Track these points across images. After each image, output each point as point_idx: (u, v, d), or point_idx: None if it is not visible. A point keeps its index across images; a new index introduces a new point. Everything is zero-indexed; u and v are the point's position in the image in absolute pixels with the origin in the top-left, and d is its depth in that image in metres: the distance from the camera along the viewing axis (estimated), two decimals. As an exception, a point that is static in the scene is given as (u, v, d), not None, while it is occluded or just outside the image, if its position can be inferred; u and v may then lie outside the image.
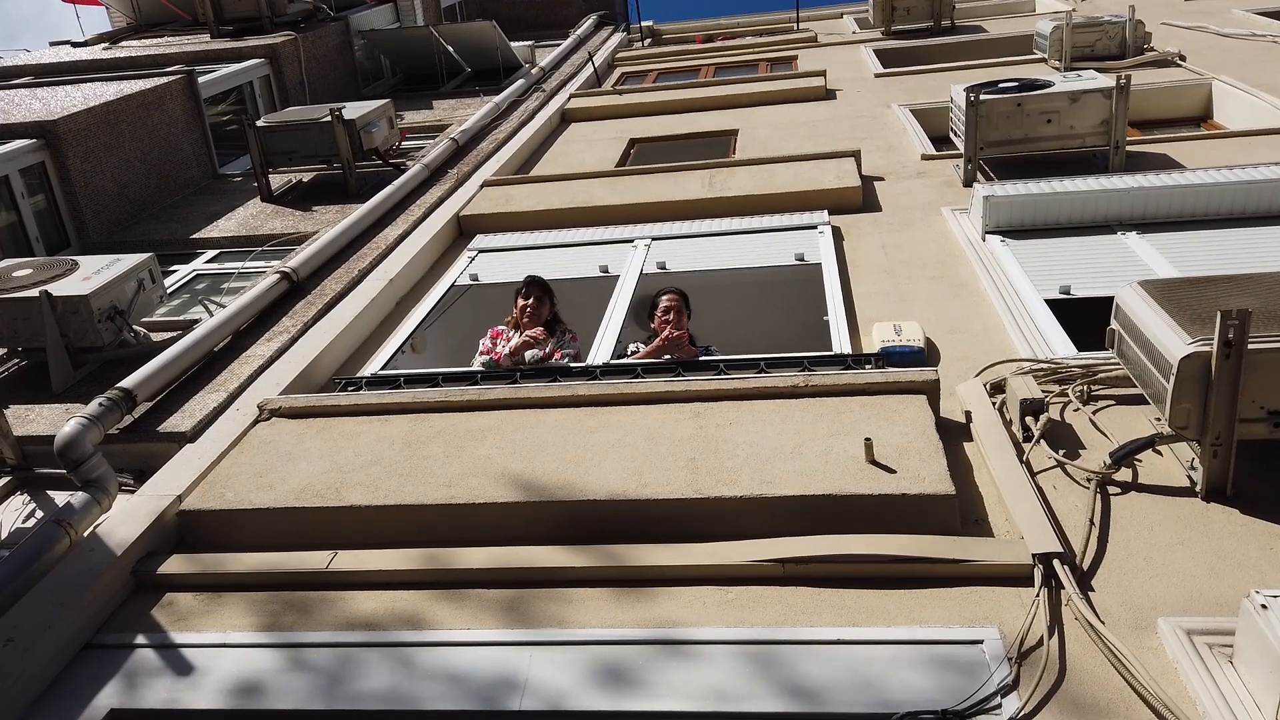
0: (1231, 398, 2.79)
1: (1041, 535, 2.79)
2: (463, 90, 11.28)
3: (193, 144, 8.32)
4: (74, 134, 6.95)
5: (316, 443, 3.67)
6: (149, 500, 3.43)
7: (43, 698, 2.74)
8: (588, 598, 2.86)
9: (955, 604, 2.66)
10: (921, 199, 5.96)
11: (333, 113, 7.39)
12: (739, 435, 3.35)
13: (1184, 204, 4.95)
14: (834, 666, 2.48)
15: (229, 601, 3.05)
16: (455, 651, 2.70)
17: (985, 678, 2.38)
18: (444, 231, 6.25)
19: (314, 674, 2.69)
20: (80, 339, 4.59)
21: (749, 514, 3.02)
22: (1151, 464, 3.16)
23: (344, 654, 2.74)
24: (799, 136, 7.77)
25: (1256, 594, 2.23)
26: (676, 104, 9.28)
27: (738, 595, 2.79)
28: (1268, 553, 2.71)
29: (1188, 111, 7.67)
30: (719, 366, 3.99)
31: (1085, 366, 3.67)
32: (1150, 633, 2.48)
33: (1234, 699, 2.22)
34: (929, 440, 3.18)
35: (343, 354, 4.79)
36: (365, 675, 2.66)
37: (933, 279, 4.80)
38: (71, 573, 3.08)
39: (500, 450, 3.45)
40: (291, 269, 5.43)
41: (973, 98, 5.96)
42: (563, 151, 8.34)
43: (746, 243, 5.59)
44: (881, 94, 8.83)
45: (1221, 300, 3.01)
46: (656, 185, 6.47)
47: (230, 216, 7.26)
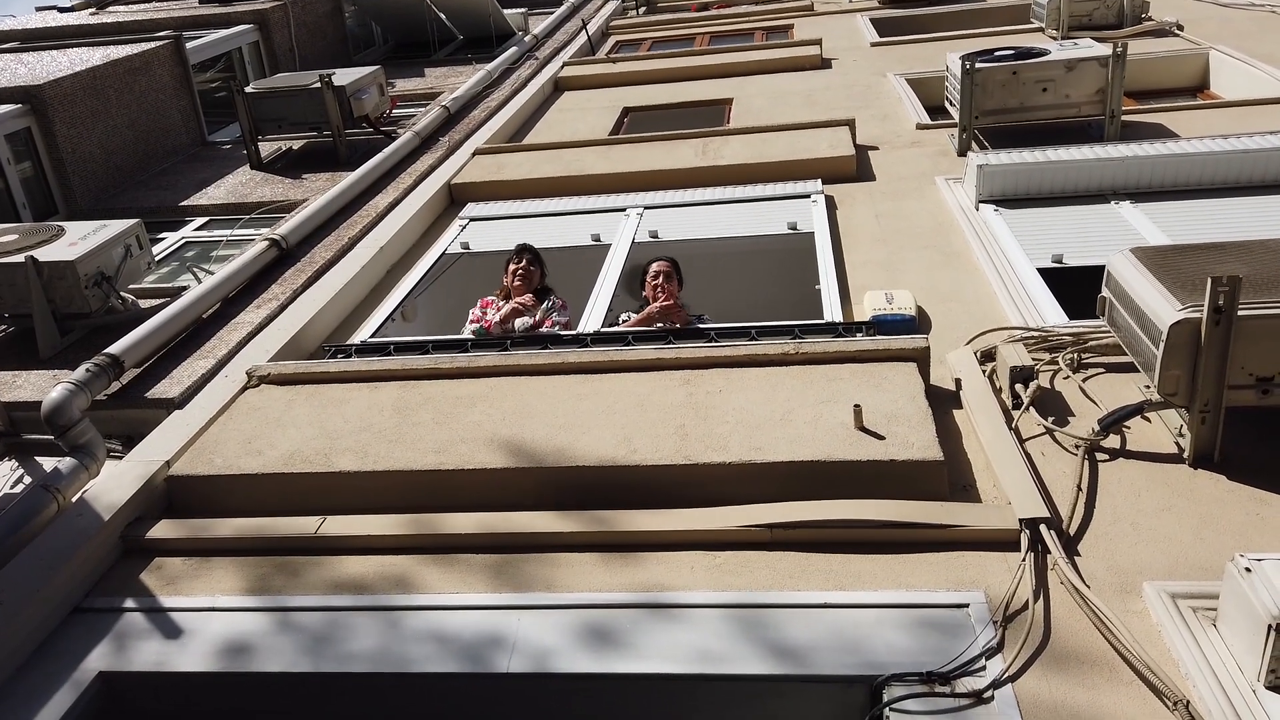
0: (1220, 364, 2.79)
1: (1029, 501, 2.80)
2: (455, 58, 11.16)
3: (181, 110, 8.24)
4: (60, 99, 6.87)
5: (305, 409, 3.66)
6: (137, 465, 3.42)
7: (32, 660, 2.74)
8: (576, 562, 2.87)
9: (942, 569, 2.67)
10: (916, 168, 5.93)
11: (322, 79, 7.31)
12: (729, 402, 3.35)
13: (1178, 173, 4.93)
14: (820, 630, 2.49)
15: (218, 566, 3.05)
16: (444, 615, 2.71)
17: (970, 640, 2.39)
18: (435, 200, 6.20)
19: (303, 636, 2.69)
20: (67, 305, 4.56)
21: (738, 480, 3.02)
22: (1140, 431, 3.16)
23: (333, 617, 2.75)
24: (794, 105, 7.71)
25: (1241, 557, 2.24)
26: (671, 73, 9.19)
27: (726, 560, 2.80)
28: (1253, 518, 2.72)
29: (1184, 81, 7.62)
30: (710, 334, 3.98)
31: (1076, 334, 3.67)
32: (1135, 596, 2.49)
33: (1216, 661, 2.23)
34: (918, 407, 3.18)
35: (332, 322, 4.76)
36: (354, 637, 2.67)
37: (926, 248, 4.78)
38: (60, 537, 3.08)
39: (490, 417, 3.45)
40: (281, 236, 5.39)
41: (968, 66, 5.91)
42: (555, 120, 8.26)
43: (739, 212, 5.56)
44: (877, 63, 8.76)
45: (1213, 267, 3.00)
46: (650, 154, 6.42)
47: (219, 184, 7.19)
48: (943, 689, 2.27)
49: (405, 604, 2.77)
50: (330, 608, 2.79)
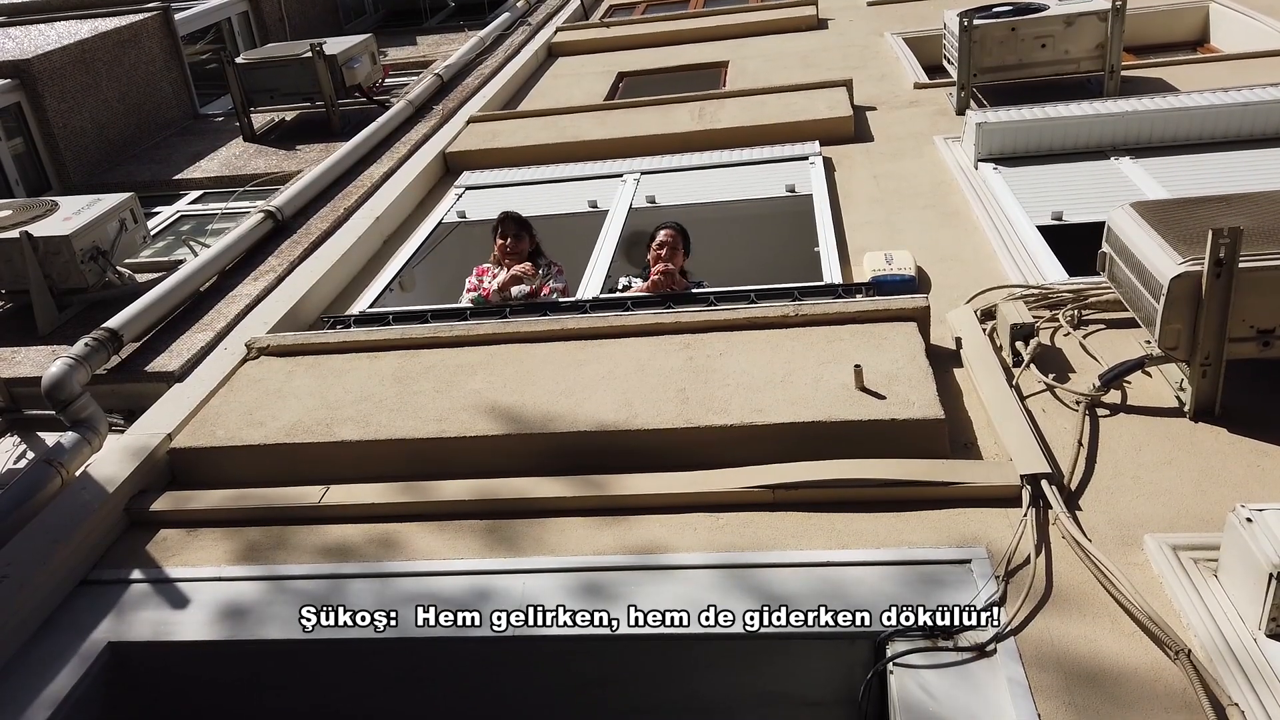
0: (1222, 317, 2.79)
1: (1030, 457, 2.81)
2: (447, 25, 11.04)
3: (172, 83, 8.15)
4: (49, 73, 6.79)
5: (306, 380, 3.66)
6: (139, 439, 3.42)
7: (41, 632, 2.76)
8: (579, 526, 2.88)
9: (944, 526, 2.68)
10: (914, 128, 5.88)
11: (313, 49, 7.22)
12: (729, 365, 3.35)
13: (1178, 128, 4.89)
14: (824, 588, 2.50)
15: (222, 536, 3.07)
16: (445, 580, 2.73)
17: (973, 595, 2.41)
18: (430, 169, 6.16)
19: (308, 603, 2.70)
20: (64, 280, 4.54)
21: (739, 443, 3.03)
22: (1141, 385, 3.16)
23: (336, 584, 2.76)
24: (790, 67, 7.63)
25: (1242, 508, 2.25)
26: (665, 36, 9.08)
27: (728, 521, 2.81)
28: (1254, 470, 2.73)
29: (1184, 35, 7.54)
30: (709, 298, 3.97)
31: (1076, 291, 3.66)
32: (1136, 549, 2.51)
33: (1218, 611, 2.25)
34: (919, 366, 3.18)
35: (330, 293, 4.75)
36: (357, 604, 2.68)
37: (925, 208, 4.76)
38: (64, 511, 3.09)
39: (490, 384, 3.44)
40: (276, 208, 5.35)
41: (966, 23, 5.84)
42: (550, 86, 8.18)
43: (737, 175, 5.52)
44: (874, 22, 8.65)
45: (1214, 220, 2.98)
46: (645, 119, 6.37)
47: (213, 157, 7.14)
48: (945, 643, 2.29)
49: (408, 570, 2.79)
50: (334, 575, 2.80)
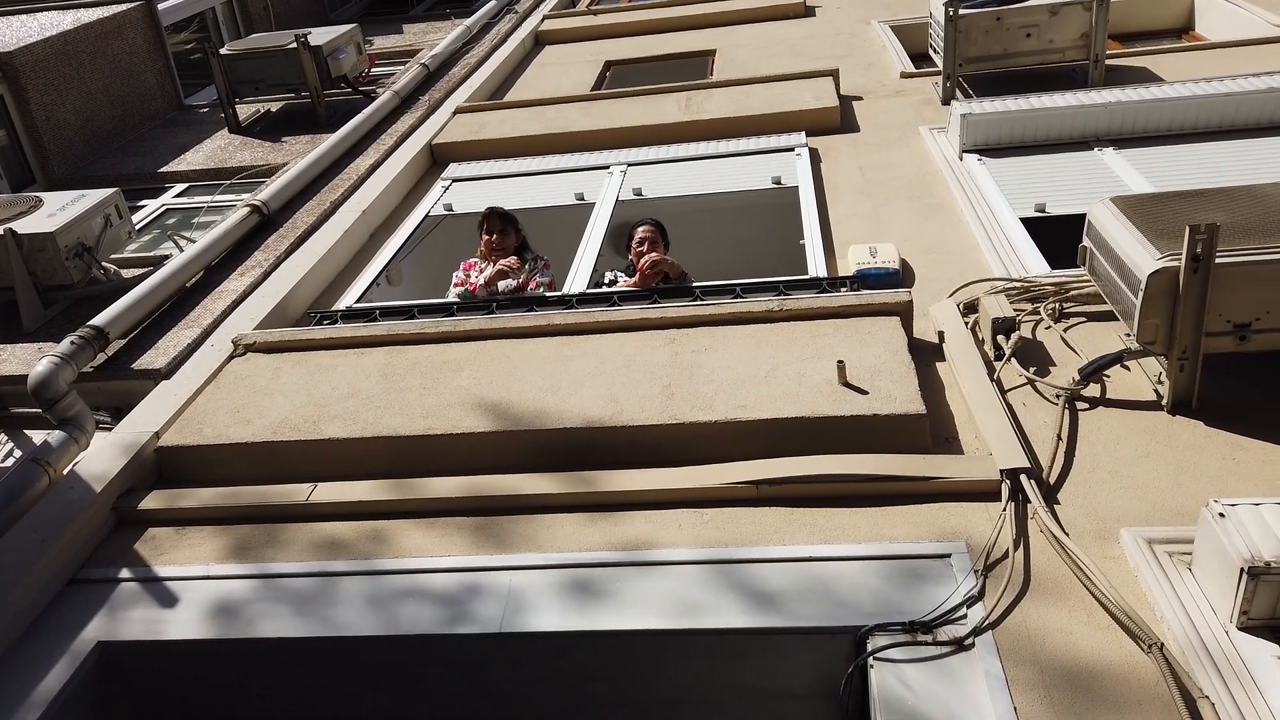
0: (1198, 312, 2.82)
1: (1010, 451, 2.84)
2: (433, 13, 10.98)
3: (156, 74, 8.10)
4: (32, 65, 6.74)
5: (293, 377, 3.67)
6: (127, 437, 3.43)
7: (30, 631, 2.78)
8: (565, 522, 2.91)
9: (925, 520, 2.72)
10: (900, 118, 5.89)
11: (298, 39, 7.19)
12: (714, 361, 3.37)
13: (1162, 118, 4.92)
14: (806, 582, 2.54)
15: (210, 534, 3.08)
16: (434, 577, 2.75)
17: (952, 589, 2.45)
18: (417, 160, 6.14)
19: (297, 601, 2.73)
20: (49, 277, 4.53)
21: (724, 438, 3.06)
22: (1120, 379, 3.20)
23: (325, 582, 2.79)
24: (778, 55, 7.62)
25: (1215, 503, 2.29)
26: (653, 24, 9.06)
27: (712, 517, 2.84)
28: (1229, 463, 2.77)
29: (1170, 23, 7.56)
30: (695, 292, 3.99)
31: (1057, 284, 3.69)
32: (1113, 543, 2.55)
33: (1190, 604, 2.29)
34: (901, 361, 3.21)
35: (317, 287, 4.74)
36: (347, 602, 2.70)
37: (910, 199, 4.78)
38: (52, 510, 3.10)
39: (477, 380, 3.46)
40: (262, 202, 5.34)
41: (951, 12, 5.84)
42: (537, 76, 8.16)
43: (723, 167, 5.53)
44: (861, 10, 8.64)
45: (1191, 215, 3.01)
46: (632, 109, 6.36)
47: (198, 149, 7.11)
48: (925, 638, 2.33)
49: (397, 567, 2.81)
50: (323, 573, 2.83)
